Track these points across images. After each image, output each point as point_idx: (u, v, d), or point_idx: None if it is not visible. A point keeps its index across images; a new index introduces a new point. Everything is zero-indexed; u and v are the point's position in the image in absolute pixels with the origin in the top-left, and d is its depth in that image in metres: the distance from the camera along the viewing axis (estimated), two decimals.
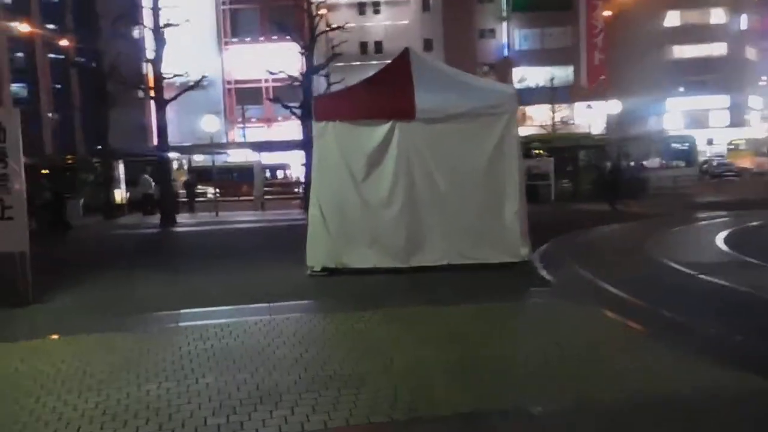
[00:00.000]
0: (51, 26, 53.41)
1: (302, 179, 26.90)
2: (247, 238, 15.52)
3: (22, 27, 52.70)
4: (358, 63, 40.44)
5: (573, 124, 44.73)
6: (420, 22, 47.08)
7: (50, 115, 56.69)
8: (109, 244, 15.05)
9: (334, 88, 26.22)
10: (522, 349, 5.12)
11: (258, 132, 43.92)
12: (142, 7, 24.99)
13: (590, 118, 45.41)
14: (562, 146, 27.27)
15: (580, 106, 46.82)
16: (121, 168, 26.46)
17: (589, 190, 23.90)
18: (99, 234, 18.29)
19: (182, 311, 6.74)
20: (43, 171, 28.60)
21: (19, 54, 56.40)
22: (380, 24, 47.33)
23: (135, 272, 9.59)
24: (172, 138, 26.35)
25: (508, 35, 49.14)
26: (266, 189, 29.89)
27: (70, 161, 34.49)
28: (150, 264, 10.62)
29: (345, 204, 8.52)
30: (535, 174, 22.81)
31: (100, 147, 28.28)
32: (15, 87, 55.74)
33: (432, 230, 8.55)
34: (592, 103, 45.99)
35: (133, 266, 10.31)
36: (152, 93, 22.02)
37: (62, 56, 49.17)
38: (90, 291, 8.13)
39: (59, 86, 55.69)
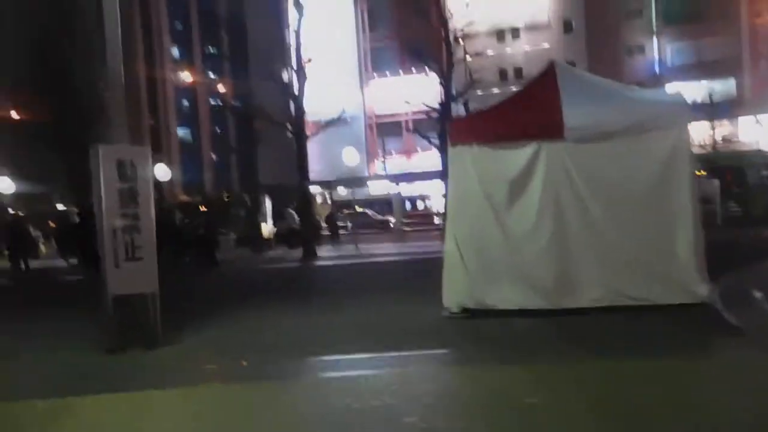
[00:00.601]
0: (211, 74, 57.83)
1: (441, 210, 26.20)
2: (385, 272, 14.97)
3: (186, 77, 57.49)
4: (497, 91, 39.37)
5: (737, 141, 40.41)
6: (562, 43, 45.17)
7: (213, 156, 61.00)
8: (249, 280, 15.09)
9: None
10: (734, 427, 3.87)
11: (398, 164, 44.06)
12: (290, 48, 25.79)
13: (758, 134, 40.79)
14: (727, 166, 24.35)
15: (745, 121, 42.30)
16: (268, 203, 27.27)
17: (763, 215, 20.99)
18: (242, 269, 18.57)
19: (309, 359, 6.15)
20: (202, 208, 30.31)
21: (185, 102, 61.55)
22: (520, 50, 46.01)
23: (269, 310, 9.20)
24: (317, 172, 26.88)
25: (659, 50, 45.78)
26: (406, 221, 29.52)
27: (226, 198, 36.38)
28: (285, 300, 10.25)
29: (485, 237, 7.56)
30: (699, 197, 20.37)
31: (249, 183, 29.44)
32: (181, 132, 60.69)
33: (586, 266, 7.34)
34: (761, 116, 41.34)
35: (268, 303, 9.98)
36: (295, 129, 22.43)
37: (220, 101, 52.71)
38: (222, 330, 7.78)
39: (218, 129, 59.80)
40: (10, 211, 31.02)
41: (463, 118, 10.11)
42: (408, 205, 33.73)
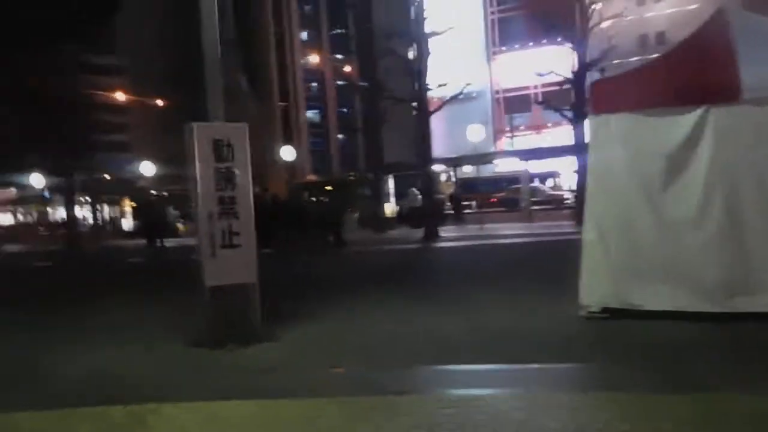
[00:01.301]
0: (338, 55, 58.19)
1: (573, 187, 24.31)
2: (511, 255, 13.68)
3: (314, 59, 58.28)
4: (636, 58, 36.08)
5: None
6: (713, 3, 40.58)
7: (339, 136, 61.67)
8: (367, 262, 14.41)
9: None
10: None
11: (526, 140, 41.96)
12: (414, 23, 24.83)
13: None
14: None
15: None
16: (390, 182, 26.68)
17: None
18: (361, 250, 17.97)
19: (419, 367, 5.22)
20: (327, 188, 30.35)
21: (313, 83, 62.57)
22: (662, 12, 41.90)
23: (383, 301, 8.35)
24: (441, 150, 25.89)
25: None
26: (534, 199, 27.83)
27: (351, 178, 36.37)
28: (400, 289, 9.32)
29: (634, 224, 6.21)
30: None
31: (374, 163, 28.99)
32: (309, 113, 61.86)
33: (764, 261, 5.83)
34: None
35: (382, 291, 9.12)
36: (418, 106, 21.52)
37: (346, 81, 52.90)
38: (326, 325, 7.01)
39: (344, 109, 60.31)
40: (152, 192, 32.81)
41: (610, 80, 8.54)
42: (536, 183, 31.78)
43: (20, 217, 47.54)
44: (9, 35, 27.54)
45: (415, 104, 21.30)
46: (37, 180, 36.15)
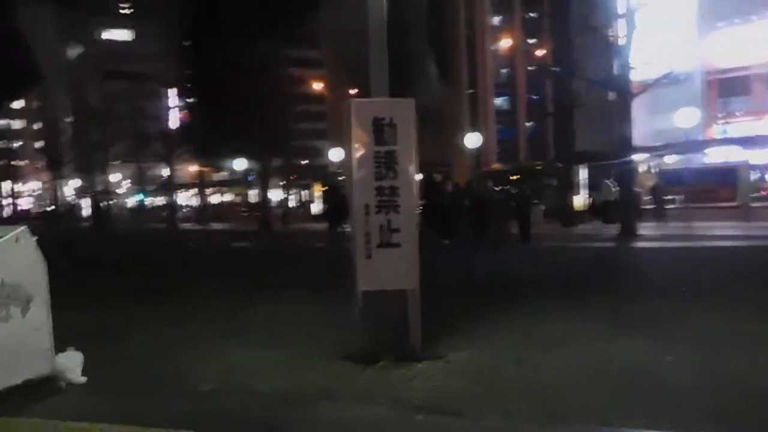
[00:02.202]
0: (530, 40, 55.47)
1: None
2: (734, 264, 11.19)
3: (505, 43, 56.23)
4: None
5: None
6: None
7: (527, 124, 59.07)
8: (557, 263, 12.67)
9: None
10: None
11: (744, 127, 36.51)
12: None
13: None
14: None
15: None
16: (583, 173, 24.40)
17: None
18: (548, 247, 16.20)
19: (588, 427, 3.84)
20: (513, 177, 28.74)
21: (503, 69, 60.51)
22: None
23: (574, 316, 6.89)
24: (640, 138, 23.13)
25: None
26: (754, 195, 23.86)
27: (538, 167, 34.30)
28: (588, 302, 7.64)
29: None
30: None
31: (564, 151, 26.81)
32: (498, 100, 60.03)
33: None
34: None
35: (567, 303, 7.61)
36: (618, 88, 19.16)
37: (537, 66, 50.31)
38: (505, 343, 5.73)
39: (534, 96, 57.54)
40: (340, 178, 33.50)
41: None
42: (757, 176, 27.31)
43: (227, 198, 51.90)
44: (231, 33, 29.89)
45: (612, 88, 19.00)
46: (241, 164, 38.79)
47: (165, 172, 46.05)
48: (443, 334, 5.79)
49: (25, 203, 67.39)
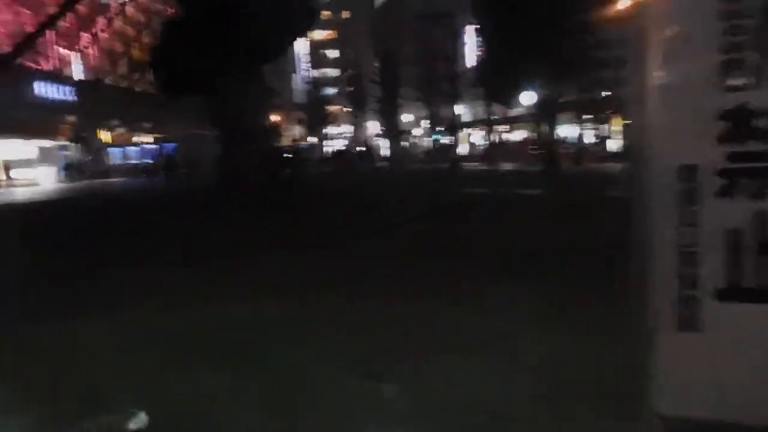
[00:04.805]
0: None
1: None
2: None
3: None
4: None
5: None
6: None
7: None
8: None
9: None
10: None
11: None
12: None
13: None
14: None
15: None
16: None
17: None
18: None
19: None
20: None
21: None
22: None
23: None
24: None
25: None
26: None
27: None
28: None
29: None
30: None
31: None
32: None
33: None
34: None
35: None
36: None
37: None
38: None
39: None
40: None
41: None
42: None
43: (516, 136, 48.73)
44: None
45: None
46: (529, 99, 35.24)
47: (459, 111, 44.77)
48: None
49: (338, 145, 73.19)
